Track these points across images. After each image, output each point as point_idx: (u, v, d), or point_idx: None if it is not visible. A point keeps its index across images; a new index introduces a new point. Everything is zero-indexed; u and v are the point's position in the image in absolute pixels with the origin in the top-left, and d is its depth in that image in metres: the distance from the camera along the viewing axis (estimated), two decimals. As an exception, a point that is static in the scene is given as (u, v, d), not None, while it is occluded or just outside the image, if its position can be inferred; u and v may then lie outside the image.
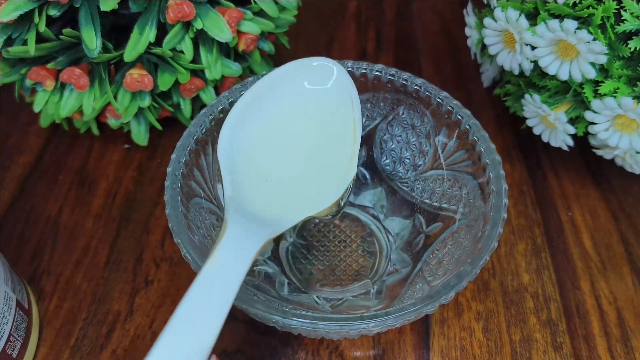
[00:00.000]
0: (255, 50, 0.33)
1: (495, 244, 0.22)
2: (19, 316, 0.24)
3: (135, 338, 0.26)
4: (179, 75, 0.30)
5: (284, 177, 0.24)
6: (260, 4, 0.31)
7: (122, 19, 0.29)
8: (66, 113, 0.30)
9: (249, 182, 0.23)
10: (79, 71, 0.29)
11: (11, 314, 0.23)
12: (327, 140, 0.26)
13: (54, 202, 0.32)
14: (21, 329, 0.24)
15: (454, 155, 0.26)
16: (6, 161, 0.34)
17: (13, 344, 0.23)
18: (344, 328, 0.20)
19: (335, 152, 0.25)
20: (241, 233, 0.20)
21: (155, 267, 0.29)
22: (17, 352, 0.24)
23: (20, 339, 0.24)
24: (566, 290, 0.28)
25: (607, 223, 0.31)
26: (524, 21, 0.27)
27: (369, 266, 0.28)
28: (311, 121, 0.26)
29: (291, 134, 0.26)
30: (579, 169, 0.34)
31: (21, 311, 0.24)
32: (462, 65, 0.40)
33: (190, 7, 0.28)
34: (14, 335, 0.23)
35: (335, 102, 0.26)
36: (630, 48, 0.25)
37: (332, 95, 0.26)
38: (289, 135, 0.25)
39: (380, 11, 0.45)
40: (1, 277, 0.23)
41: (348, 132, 0.25)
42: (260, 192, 0.23)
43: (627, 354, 0.26)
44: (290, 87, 0.26)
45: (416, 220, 0.28)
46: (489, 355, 0.26)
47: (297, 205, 0.23)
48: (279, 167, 0.25)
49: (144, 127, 0.33)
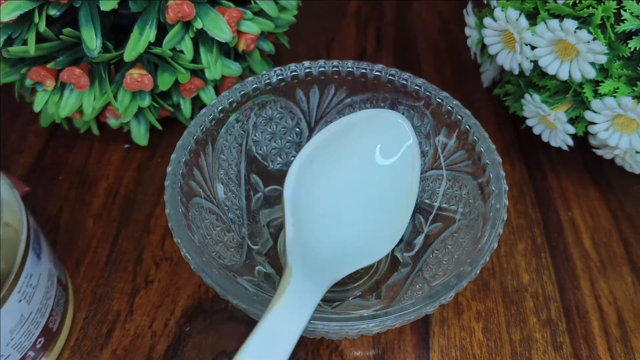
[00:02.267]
0: (255, 50, 0.33)
1: (495, 244, 0.22)
2: (59, 292, 0.25)
3: (136, 338, 0.26)
4: (179, 75, 0.30)
5: (343, 226, 0.25)
6: (260, 3, 0.31)
7: (122, 19, 0.29)
8: (66, 113, 0.30)
9: (311, 225, 0.23)
10: (79, 71, 0.29)
11: (53, 289, 0.24)
12: (384, 197, 0.26)
13: (54, 202, 0.32)
14: (61, 305, 0.25)
15: (454, 155, 0.26)
16: (6, 161, 0.34)
17: (54, 319, 0.24)
18: (343, 328, 0.20)
19: (391, 210, 0.26)
20: (305, 279, 0.19)
21: (155, 266, 0.29)
22: (56, 326, 0.24)
23: (60, 314, 0.25)
24: (566, 290, 0.28)
25: (606, 223, 0.31)
26: (524, 21, 0.27)
27: (368, 265, 0.28)
28: (375, 176, 0.26)
29: (354, 185, 0.26)
30: (579, 169, 0.34)
31: (61, 287, 0.25)
32: (462, 65, 0.40)
33: (190, 7, 0.28)
34: (55, 310, 0.24)
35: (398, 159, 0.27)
36: (630, 48, 0.25)
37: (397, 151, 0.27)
38: (352, 185, 0.26)
39: (380, 11, 0.45)
40: (45, 253, 0.24)
41: (404, 193, 0.26)
42: (321, 237, 0.23)
43: (627, 354, 0.26)
44: (363, 142, 0.26)
45: (416, 220, 0.28)
46: (488, 355, 0.26)
47: (350, 255, 0.24)
48: (339, 216, 0.25)
49: (144, 127, 0.33)
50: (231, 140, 0.27)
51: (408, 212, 0.26)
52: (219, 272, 0.21)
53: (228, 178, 0.27)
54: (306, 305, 0.18)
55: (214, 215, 0.26)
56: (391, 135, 0.27)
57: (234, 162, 0.28)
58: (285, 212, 0.23)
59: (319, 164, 0.26)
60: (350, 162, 0.27)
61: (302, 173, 0.25)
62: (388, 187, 0.26)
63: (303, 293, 0.19)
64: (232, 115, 0.27)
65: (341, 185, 0.26)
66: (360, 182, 0.26)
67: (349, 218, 0.25)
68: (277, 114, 0.29)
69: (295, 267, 0.20)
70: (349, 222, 0.25)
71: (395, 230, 0.26)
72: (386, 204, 0.26)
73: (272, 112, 0.28)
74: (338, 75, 0.28)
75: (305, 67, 0.28)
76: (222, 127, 0.27)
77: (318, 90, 0.28)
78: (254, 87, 0.27)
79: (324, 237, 0.23)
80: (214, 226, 0.25)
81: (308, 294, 0.19)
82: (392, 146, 0.27)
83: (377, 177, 0.27)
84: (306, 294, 0.19)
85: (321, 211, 0.24)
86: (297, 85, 0.28)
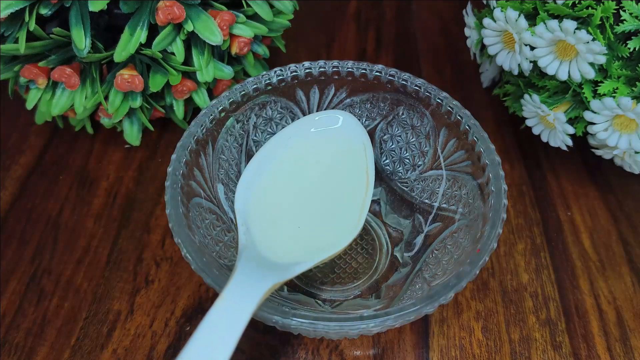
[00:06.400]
0: (249, 54, 0.33)
1: (494, 244, 0.22)
2: None
3: (136, 337, 0.26)
4: (170, 76, 0.30)
5: (295, 226, 0.26)
6: (255, 7, 0.31)
7: (117, 19, 0.30)
8: (57, 111, 0.30)
9: (261, 231, 0.24)
10: (70, 70, 0.29)
11: None
12: (338, 189, 0.27)
13: (55, 202, 0.32)
14: None
15: (454, 156, 0.27)
16: (7, 161, 0.34)
17: None
18: (343, 328, 0.20)
19: (347, 201, 0.27)
20: (249, 277, 0.21)
21: (156, 266, 0.29)
22: None
23: None
24: (565, 290, 0.28)
25: (606, 223, 0.31)
26: (523, 21, 0.27)
27: (368, 264, 0.28)
28: (323, 170, 0.27)
29: (304, 184, 0.27)
30: (578, 169, 0.34)
31: None
32: (462, 66, 0.40)
33: (181, 9, 0.28)
34: None
35: (347, 150, 0.28)
36: (629, 48, 0.25)
37: (343, 142, 0.28)
38: (302, 184, 0.27)
39: (380, 11, 0.45)
40: None
41: (361, 182, 0.27)
42: (272, 240, 0.24)
43: (626, 353, 0.26)
44: (300, 137, 0.28)
45: (416, 220, 0.28)
46: (488, 354, 0.26)
47: (307, 252, 0.24)
48: (291, 216, 0.26)
49: (136, 127, 0.33)
50: (231, 141, 0.27)
51: (367, 198, 0.26)
52: (219, 272, 0.21)
53: (228, 178, 0.27)
54: (248, 300, 0.20)
55: (214, 215, 0.26)
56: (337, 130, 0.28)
57: (234, 162, 0.28)
58: (237, 223, 0.24)
59: (268, 173, 0.27)
60: (295, 161, 0.27)
61: (251, 183, 0.26)
62: (342, 179, 0.27)
63: (246, 290, 0.20)
64: (233, 116, 0.27)
65: (293, 187, 0.27)
66: (313, 181, 0.27)
67: (301, 217, 0.26)
68: (277, 114, 0.29)
69: (240, 267, 0.21)
70: (302, 220, 0.26)
71: (356, 219, 0.26)
72: (340, 195, 0.27)
73: (272, 113, 0.29)
74: (338, 75, 0.28)
75: (305, 67, 0.28)
76: (222, 127, 0.27)
77: (318, 91, 0.28)
78: (254, 87, 0.27)
79: (274, 240, 0.24)
80: (214, 226, 0.25)
81: (251, 291, 0.20)
82: (339, 141, 0.28)
83: (329, 172, 0.27)
84: (249, 291, 0.20)
85: (271, 216, 0.25)
86: (297, 86, 0.28)
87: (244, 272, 0.21)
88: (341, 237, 0.25)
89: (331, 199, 0.27)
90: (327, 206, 0.26)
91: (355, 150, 0.27)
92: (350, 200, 0.26)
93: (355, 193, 0.27)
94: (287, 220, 0.26)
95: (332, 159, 0.28)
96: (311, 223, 0.26)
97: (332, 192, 0.27)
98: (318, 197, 0.27)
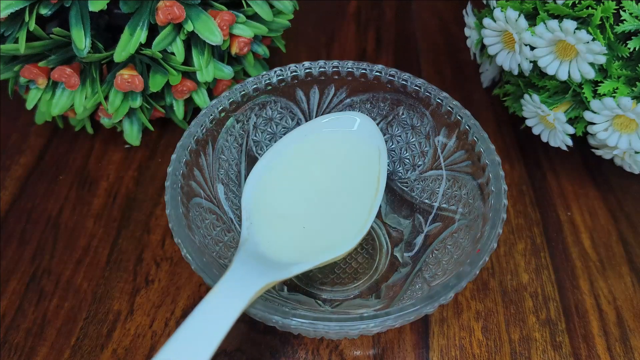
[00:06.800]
0: (249, 54, 0.33)
1: (494, 244, 0.22)
2: None
3: (136, 337, 0.26)
4: (170, 76, 0.30)
5: (300, 226, 0.25)
6: (255, 7, 0.31)
7: (117, 18, 0.30)
8: (57, 111, 0.30)
9: (265, 227, 0.24)
10: (70, 70, 0.29)
11: None
12: (347, 193, 0.27)
13: (55, 202, 0.32)
14: None
15: (454, 156, 0.27)
16: (6, 161, 0.34)
17: None
18: (343, 328, 0.20)
19: (354, 206, 0.26)
20: (244, 273, 0.21)
21: (156, 266, 0.29)
22: None
23: None
24: (565, 290, 0.28)
25: (606, 223, 0.31)
26: (523, 21, 0.27)
27: (368, 264, 0.28)
28: (334, 172, 0.27)
29: (312, 184, 0.27)
30: (578, 169, 0.34)
31: None
32: (462, 66, 0.40)
33: (180, 9, 0.28)
34: None
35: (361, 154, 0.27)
36: (629, 48, 0.25)
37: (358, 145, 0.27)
38: (311, 184, 0.27)
39: (380, 11, 0.45)
40: None
41: (370, 188, 0.27)
42: (274, 238, 0.24)
43: (626, 353, 0.26)
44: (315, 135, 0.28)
45: (415, 220, 0.28)
46: (488, 354, 0.26)
47: (308, 254, 0.24)
48: (296, 216, 0.26)
49: (136, 127, 0.33)
50: (231, 141, 0.27)
51: (375, 206, 0.26)
52: (219, 272, 0.21)
53: (228, 178, 0.27)
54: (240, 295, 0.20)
55: (214, 215, 0.26)
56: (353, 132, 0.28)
57: (234, 162, 0.28)
58: (242, 217, 0.24)
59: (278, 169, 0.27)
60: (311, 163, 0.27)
61: (260, 178, 0.26)
62: (352, 183, 0.27)
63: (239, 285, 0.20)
64: (233, 116, 0.27)
65: (301, 186, 0.27)
66: (322, 182, 0.27)
67: (308, 216, 0.26)
68: (277, 114, 0.29)
69: (237, 261, 0.21)
70: (309, 220, 0.26)
71: (363, 221, 0.26)
72: (350, 200, 0.27)
73: (272, 113, 0.29)
74: (338, 75, 0.28)
75: (305, 67, 0.28)
76: (222, 127, 0.27)
77: (318, 91, 0.28)
78: (254, 87, 0.27)
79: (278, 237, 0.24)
80: (214, 226, 0.25)
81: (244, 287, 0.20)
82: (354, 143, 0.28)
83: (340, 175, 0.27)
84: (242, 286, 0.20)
85: (278, 213, 0.25)
86: (297, 86, 0.28)
87: (239, 268, 0.21)
88: (343, 243, 0.25)
89: (338, 203, 0.26)
90: (333, 210, 0.26)
91: (369, 154, 0.27)
92: (357, 206, 0.26)
93: (364, 199, 0.26)
94: (292, 219, 0.26)
95: (344, 162, 0.27)
96: (316, 224, 0.26)
97: (341, 196, 0.27)
98: (325, 199, 0.27)
